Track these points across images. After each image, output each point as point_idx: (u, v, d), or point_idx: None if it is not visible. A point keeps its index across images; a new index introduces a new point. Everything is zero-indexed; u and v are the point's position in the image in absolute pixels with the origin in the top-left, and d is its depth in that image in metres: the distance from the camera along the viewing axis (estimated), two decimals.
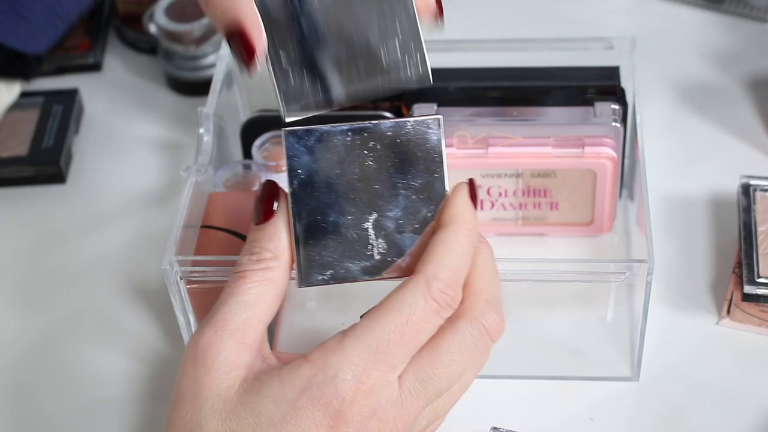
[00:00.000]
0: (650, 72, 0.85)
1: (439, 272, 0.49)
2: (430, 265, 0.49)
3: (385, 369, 0.47)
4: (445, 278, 0.49)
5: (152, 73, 0.91)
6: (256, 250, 0.51)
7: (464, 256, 0.50)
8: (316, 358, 0.47)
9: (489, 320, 0.51)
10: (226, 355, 0.48)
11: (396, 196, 0.51)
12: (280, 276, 0.51)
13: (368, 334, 0.47)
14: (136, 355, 0.70)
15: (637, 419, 0.65)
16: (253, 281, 0.50)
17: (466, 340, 0.50)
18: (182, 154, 0.84)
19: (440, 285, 0.49)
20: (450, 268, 0.49)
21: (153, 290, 0.74)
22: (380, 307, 0.49)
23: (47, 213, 0.80)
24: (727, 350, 0.68)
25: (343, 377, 0.47)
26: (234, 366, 0.48)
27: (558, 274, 0.62)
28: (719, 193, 0.77)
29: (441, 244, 0.50)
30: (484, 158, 0.71)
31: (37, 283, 0.75)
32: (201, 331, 0.49)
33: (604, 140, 0.70)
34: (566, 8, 0.94)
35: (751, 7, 0.92)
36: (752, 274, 0.67)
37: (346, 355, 0.47)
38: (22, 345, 0.71)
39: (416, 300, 0.48)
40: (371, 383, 0.47)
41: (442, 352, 0.49)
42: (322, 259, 0.51)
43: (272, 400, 0.47)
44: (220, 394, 0.48)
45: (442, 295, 0.49)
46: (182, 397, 0.49)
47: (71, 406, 0.68)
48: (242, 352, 0.49)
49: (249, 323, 0.49)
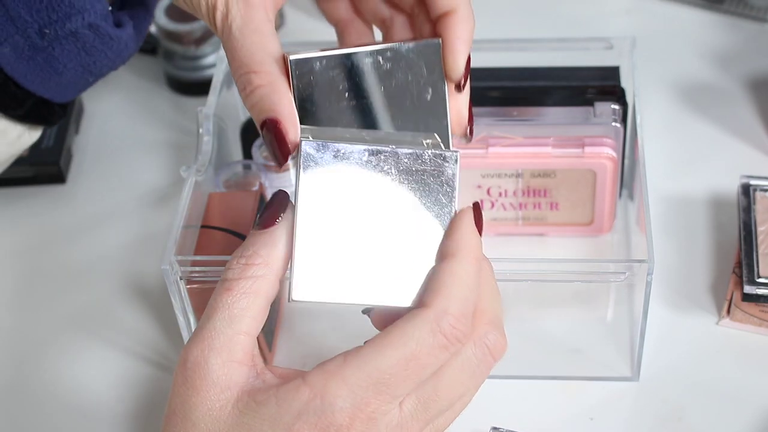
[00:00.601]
0: (650, 72, 0.86)
1: (450, 306, 0.47)
2: (439, 299, 0.48)
3: (385, 399, 0.46)
4: (455, 312, 0.47)
5: (152, 73, 0.91)
6: (248, 253, 0.49)
7: (473, 287, 0.49)
8: (315, 382, 0.46)
9: (492, 340, 0.49)
10: (215, 376, 0.47)
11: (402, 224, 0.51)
12: (267, 287, 0.49)
13: (370, 364, 0.46)
14: (136, 355, 0.70)
15: (637, 419, 0.65)
16: (240, 293, 0.49)
17: (470, 361, 0.49)
18: (182, 154, 0.84)
19: (451, 320, 0.47)
20: (460, 300, 0.48)
21: (153, 290, 0.74)
22: (385, 337, 0.47)
23: (47, 213, 0.80)
24: (727, 350, 0.68)
25: (342, 405, 0.46)
26: (225, 386, 0.47)
27: (558, 274, 0.62)
28: (719, 193, 0.77)
29: (450, 275, 0.48)
30: (484, 158, 0.71)
31: (37, 282, 0.75)
32: (189, 347, 0.48)
33: (604, 140, 0.70)
34: (566, 8, 0.94)
35: (751, 7, 0.92)
36: (752, 274, 0.67)
37: (346, 382, 0.46)
38: (21, 345, 0.71)
39: (423, 335, 0.47)
40: (370, 411, 0.46)
41: (446, 374, 0.48)
42: (318, 277, 0.50)
43: (269, 423, 0.46)
44: (213, 414, 0.47)
45: (453, 330, 0.47)
46: (173, 415, 0.48)
47: (71, 406, 0.68)
48: (232, 371, 0.48)
49: (235, 339, 0.48)
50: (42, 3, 0.56)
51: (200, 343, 0.48)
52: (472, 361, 0.49)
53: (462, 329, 0.47)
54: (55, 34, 0.56)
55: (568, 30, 0.91)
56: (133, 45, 0.60)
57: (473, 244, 0.49)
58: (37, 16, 0.56)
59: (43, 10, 0.56)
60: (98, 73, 0.61)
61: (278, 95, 0.50)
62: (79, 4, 0.56)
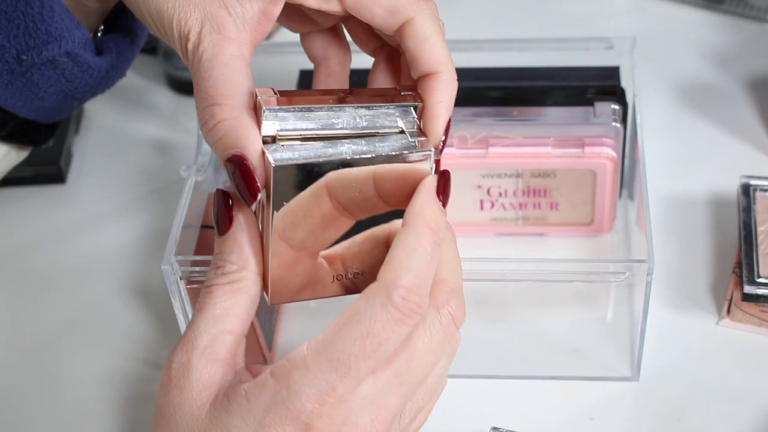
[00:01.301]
0: (650, 72, 0.86)
1: (399, 278, 0.46)
2: (389, 271, 0.46)
3: (350, 381, 0.46)
4: (406, 284, 0.46)
5: (152, 73, 0.91)
6: (220, 263, 0.49)
7: (426, 257, 0.47)
8: (279, 373, 0.46)
9: (453, 308, 0.49)
10: (198, 375, 0.48)
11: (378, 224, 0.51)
12: (248, 285, 0.49)
13: (328, 348, 0.46)
14: (136, 355, 0.70)
15: (637, 419, 0.65)
16: (221, 294, 0.49)
17: (436, 330, 0.48)
18: (182, 154, 0.84)
19: (402, 292, 0.46)
20: (411, 271, 0.46)
21: (153, 290, 0.74)
22: (340, 318, 0.46)
23: (47, 213, 0.80)
24: (727, 350, 0.68)
25: (308, 393, 0.45)
26: (206, 384, 0.48)
27: (558, 274, 0.62)
28: (719, 193, 0.77)
29: (400, 246, 0.47)
30: (484, 158, 0.71)
31: (37, 282, 0.75)
32: (174, 351, 0.49)
33: (604, 140, 0.70)
34: (566, 8, 0.94)
35: (751, 7, 0.92)
36: (752, 274, 0.67)
37: (308, 369, 0.46)
38: (21, 345, 0.71)
39: (375, 311, 0.46)
40: (338, 395, 0.46)
41: (415, 345, 0.48)
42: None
43: (240, 418, 0.46)
44: (194, 413, 0.47)
45: (405, 302, 0.46)
46: (160, 417, 0.48)
47: (71, 406, 0.68)
48: (214, 369, 0.48)
49: (219, 338, 0.48)
50: (19, 29, 0.55)
51: (185, 345, 0.49)
52: (438, 330, 0.48)
53: (415, 300, 0.46)
54: (33, 60, 0.56)
55: (568, 30, 0.91)
56: (115, 72, 0.60)
57: (428, 213, 0.48)
58: (14, 42, 0.56)
59: (21, 36, 0.56)
60: (81, 98, 0.61)
61: (244, 130, 0.48)
62: (56, 31, 0.56)
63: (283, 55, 0.75)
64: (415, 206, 0.48)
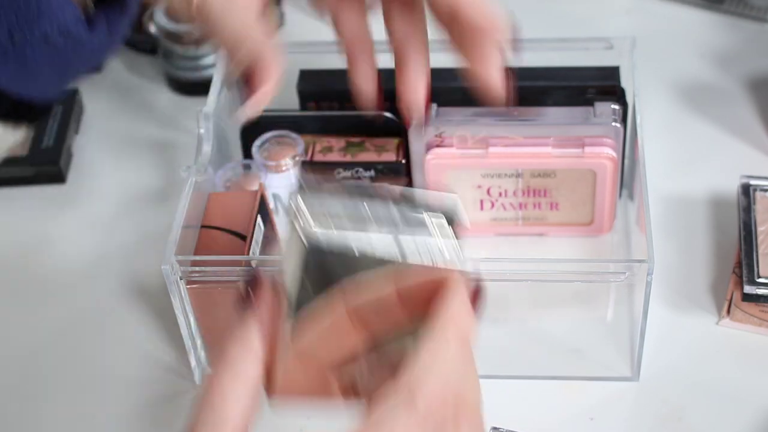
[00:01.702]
0: (650, 72, 0.85)
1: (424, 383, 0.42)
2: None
3: None
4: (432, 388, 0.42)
5: (152, 73, 0.91)
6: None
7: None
8: None
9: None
10: None
11: None
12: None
13: None
14: (136, 355, 0.70)
15: (637, 419, 0.65)
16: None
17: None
18: (182, 154, 0.84)
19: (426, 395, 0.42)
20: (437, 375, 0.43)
21: (153, 290, 0.74)
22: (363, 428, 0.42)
23: (47, 213, 0.80)
24: (727, 350, 0.68)
25: None
26: None
27: (558, 274, 0.62)
28: (719, 193, 0.77)
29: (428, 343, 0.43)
30: (484, 158, 0.71)
31: (37, 282, 0.75)
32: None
33: (604, 140, 0.70)
34: (566, 8, 0.94)
35: (751, 7, 0.92)
36: (752, 274, 0.67)
37: None
38: (21, 345, 0.71)
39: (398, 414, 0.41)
40: None
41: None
42: None
43: None
44: None
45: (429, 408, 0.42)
46: None
47: (70, 406, 0.68)
48: None
49: None
50: (11, 7, 0.55)
51: None
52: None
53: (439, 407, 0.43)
54: (25, 38, 0.56)
55: (568, 30, 0.91)
56: (107, 47, 0.59)
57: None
58: (5, 19, 0.56)
59: (11, 14, 0.55)
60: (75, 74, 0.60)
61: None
62: (46, 8, 0.56)
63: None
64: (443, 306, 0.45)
